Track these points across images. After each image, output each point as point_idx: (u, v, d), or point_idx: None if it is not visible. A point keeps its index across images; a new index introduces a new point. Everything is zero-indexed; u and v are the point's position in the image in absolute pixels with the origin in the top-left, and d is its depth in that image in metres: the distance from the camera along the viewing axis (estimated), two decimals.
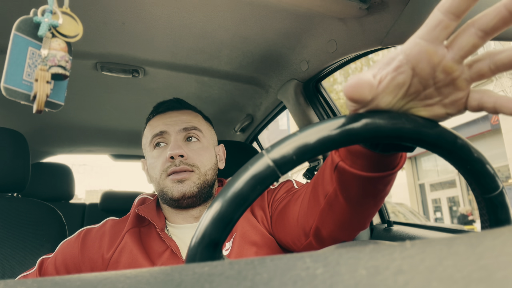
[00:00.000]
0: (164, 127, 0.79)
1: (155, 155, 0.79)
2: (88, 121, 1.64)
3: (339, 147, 0.33)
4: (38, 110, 0.40)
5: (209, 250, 0.29)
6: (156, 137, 0.80)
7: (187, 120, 0.81)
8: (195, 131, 0.81)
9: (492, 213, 0.36)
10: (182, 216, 0.81)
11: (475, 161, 0.34)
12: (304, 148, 0.31)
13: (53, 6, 0.41)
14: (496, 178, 0.35)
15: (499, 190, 0.35)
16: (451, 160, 0.35)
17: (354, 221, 0.54)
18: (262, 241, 0.74)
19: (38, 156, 1.99)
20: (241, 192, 0.30)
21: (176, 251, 0.73)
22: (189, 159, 0.77)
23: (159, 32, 0.94)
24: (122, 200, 1.97)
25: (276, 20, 0.91)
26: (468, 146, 0.34)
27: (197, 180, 0.77)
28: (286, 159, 0.30)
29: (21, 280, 0.18)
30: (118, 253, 0.74)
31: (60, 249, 0.79)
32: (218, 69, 1.18)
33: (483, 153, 0.36)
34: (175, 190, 0.75)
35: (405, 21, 0.72)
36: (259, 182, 0.30)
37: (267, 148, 0.31)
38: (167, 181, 0.76)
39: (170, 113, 0.82)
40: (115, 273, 0.18)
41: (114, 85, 1.27)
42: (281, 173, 0.30)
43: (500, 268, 0.15)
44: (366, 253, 0.18)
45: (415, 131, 0.33)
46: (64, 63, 0.41)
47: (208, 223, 0.29)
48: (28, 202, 1.11)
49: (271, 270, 0.17)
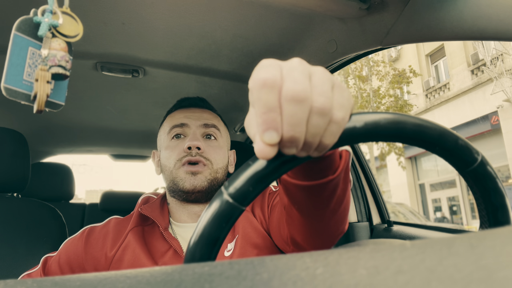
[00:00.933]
0: (186, 120, 0.82)
1: (172, 145, 0.81)
2: (88, 121, 1.64)
3: (295, 165, 0.32)
4: (38, 110, 0.40)
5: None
6: (176, 128, 0.82)
7: (208, 117, 0.84)
8: (214, 129, 0.83)
9: (479, 185, 0.35)
10: (187, 212, 0.81)
11: (444, 139, 0.33)
12: (258, 176, 0.31)
13: (53, 6, 0.41)
14: (471, 150, 0.34)
15: (478, 161, 0.34)
16: (419, 145, 0.34)
17: (319, 231, 0.52)
18: (263, 243, 0.75)
19: (38, 156, 1.99)
20: (210, 234, 0.30)
21: (179, 250, 0.74)
22: (205, 152, 0.79)
23: (159, 32, 0.94)
24: (122, 200, 1.97)
25: (276, 20, 0.91)
26: (432, 127, 0.33)
27: (209, 175, 0.78)
28: (243, 192, 0.31)
29: (21, 280, 0.18)
30: (121, 252, 0.74)
31: (64, 247, 0.79)
32: (218, 69, 1.18)
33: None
34: (187, 182, 0.76)
35: (405, 21, 0.72)
36: (224, 220, 0.30)
37: (225, 184, 0.32)
38: (180, 171, 0.77)
39: (193, 109, 0.85)
40: (115, 273, 0.18)
41: (114, 85, 1.27)
42: (244, 206, 0.31)
43: (500, 268, 0.15)
44: (366, 253, 0.18)
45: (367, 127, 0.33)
46: (65, 63, 0.41)
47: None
48: (28, 202, 1.11)
49: (271, 270, 0.17)
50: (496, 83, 8.93)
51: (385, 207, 1.35)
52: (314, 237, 0.54)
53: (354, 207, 1.36)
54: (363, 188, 1.37)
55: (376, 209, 1.36)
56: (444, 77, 12.06)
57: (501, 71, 8.84)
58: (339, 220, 0.51)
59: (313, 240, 0.56)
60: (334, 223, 0.51)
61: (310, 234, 0.54)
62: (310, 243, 0.57)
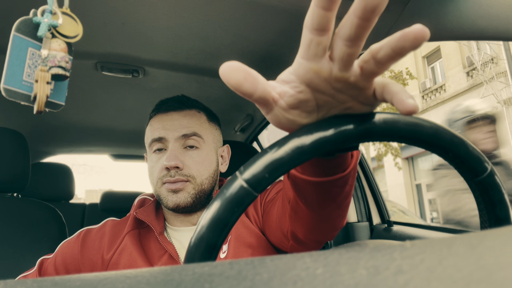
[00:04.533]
0: (163, 133, 0.77)
1: (153, 160, 0.78)
2: (88, 121, 1.64)
3: (312, 157, 0.32)
4: (38, 111, 0.40)
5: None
6: (155, 142, 0.78)
7: (187, 124, 0.78)
8: (195, 137, 0.78)
9: (485, 196, 0.35)
10: (180, 220, 0.81)
11: (457, 146, 0.33)
12: (276, 164, 0.31)
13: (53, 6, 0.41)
14: (482, 160, 0.34)
15: (488, 171, 0.34)
16: (432, 150, 0.34)
17: (323, 224, 0.53)
18: (257, 242, 0.75)
19: (38, 156, 1.99)
20: (220, 217, 0.30)
21: (174, 255, 0.74)
22: (185, 169, 0.75)
23: (159, 32, 0.94)
24: (122, 200, 1.97)
25: (276, 20, 0.91)
26: (448, 133, 0.33)
27: (192, 190, 0.76)
28: (259, 178, 0.30)
29: (21, 280, 0.18)
30: (118, 255, 0.74)
31: (60, 249, 0.78)
32: (218, 69, 1.17)
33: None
34: (169, 200, 0.75)
35: (405, 21, 0.72)
36: (236, 205, 0.30)
37: (240, 169, 0.31)
38: (162, 189, 0.76)
39: (172, 114, 0.80)
40: (115, 273, 0.18)
41: (114, 85, 1.27)
42: (257, 192, 0.30)
43: (500, 268, 0.15)
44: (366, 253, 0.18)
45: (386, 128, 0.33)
46: (64, 63, 0.40)
47: (193, 250, 0.30)
48: (28, 202, 1.11)
49: (271, 270, 0.17)
50: (487, 87, 9.10)
51: (385, 207, 1.35)
52: (316, 231, 0.55)
53: (354, 207, 1.36)
54: (363, 188, 1.37)
55: (376, 209, 1.36)
56: (440, 79, 12.17)
57: (491, 75, 9.01)
58: (342, 214, 0.52)
59: (314, 234, 0.56)
60: (336, 217, 0.52)
61: (313, 228, 0.55)
62: (310, 238, 0.58)
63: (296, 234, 0.59)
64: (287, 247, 0.67)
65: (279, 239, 0.69)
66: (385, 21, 0.77)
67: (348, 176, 0.43)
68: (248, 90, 0.30)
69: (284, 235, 0.65)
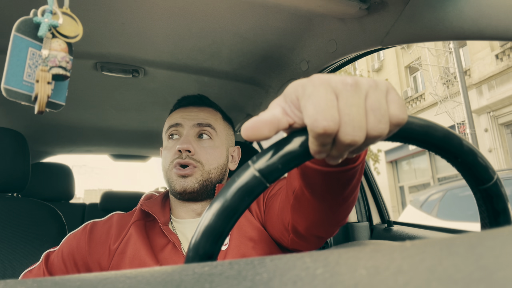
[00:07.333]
0: (180, 120, 0.83)
1: (168, 146, 0.83)
2: (88, 121, 1.64)
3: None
4: (39, 111, 0.40)
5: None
6: (171, 128, 0.83)
7: (204, 116, 0.84)
8: (209, 128, 0.83)
9: (489, 204, 0.36)
10: (185, 209, 0.83)
11: (466, 153, 0.34)
12: (290, 156, 0.31)
13: (53, 7, 0.41)
14: (489, 168, 0.35)
15: (494, 180, 0.35)
16: (442, 155, 0.35)
17: (326, 217, 0.54)
18: (258, 236, 0.76)
19: (38, 156, 1.99)
20: (230, 205, 0.30)
21: (177, 245, 0.75)
22: (196, 155, 0.80)
23: (159, 32, 0.94)
24: (122, 200, 1.97)
25: (276, 20, 0.91)
26: (458, 139, 0.34)
27: (200, 176, 0.79)
28: (272, 169, 0.30)
29: (21, 280, 0.18)
30: (124, 244, 0.76)
31: (65, 241, 0.80)
32: (218, 69, 1.18)
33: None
34: (177, 184, 0.78)
35: (405, 21, 0.72)
36: (247, 193, 0.30)
37: (252, 158, 0.31)
38: (172, 173, 0.79)
39: (191, 108, 0.86)
40: (115, 273, 0.18)
41: (114, 85, 1.27)
42: (269, 183, 0.30)
43: (500, 268, 0.15)
44: (366, 253, 0.18)
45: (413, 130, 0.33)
46: (65, 63, 0.41)
47: (200, 237, 0.30)
48: (28, 202, 1.11)
49: (271, 270, 0.17)
50: (440, 106, 10.17)
51: (385, 207, 1.35)
52: (317, 224, 0.56)
53: (354, 207, 1.36)
54: (363, 188, 1.37)
55: (376, 209, 1.36)
56: (421, 88, 12.77)
57: (445, 96, 10.16)
58: (346, 209, 0.53)
59: (315, 228, 0.57)
60: (341, 211, 0.52)
61: (315, 220, 0.55)
62: (311, 231, 0.58)
63: (296, 227, 0.60)
64: (287, 240, 0.67)
65: (280, 232, 0.69)
66: (385, 21, 0.77)
67: (357, 168, 0.43)
68: (273, 134, 0.31)
69: (285, 227, 0.65)
